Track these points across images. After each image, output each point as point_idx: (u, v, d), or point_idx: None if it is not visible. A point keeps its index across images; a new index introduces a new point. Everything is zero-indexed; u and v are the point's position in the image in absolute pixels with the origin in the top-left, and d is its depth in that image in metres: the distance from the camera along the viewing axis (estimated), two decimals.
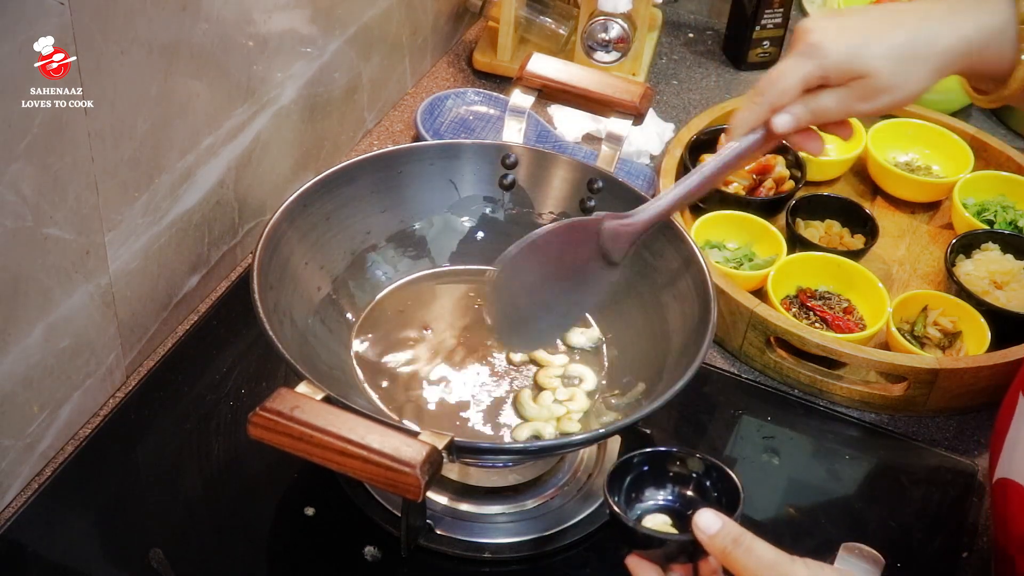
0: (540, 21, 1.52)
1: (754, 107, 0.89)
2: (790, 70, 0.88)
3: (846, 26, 0.87)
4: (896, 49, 0.86)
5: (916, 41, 0.86)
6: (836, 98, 0.88)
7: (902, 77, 0.86)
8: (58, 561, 0.91)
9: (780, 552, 0.74)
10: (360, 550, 0.92)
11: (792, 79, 0.87)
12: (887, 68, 0.85)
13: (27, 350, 0.90)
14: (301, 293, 0.98)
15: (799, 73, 0.87)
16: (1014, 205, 1.32)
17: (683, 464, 0.85)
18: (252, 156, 1.13)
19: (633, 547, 0.80)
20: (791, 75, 0.87)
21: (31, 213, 0.85)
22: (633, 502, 0.85)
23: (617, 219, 0.92)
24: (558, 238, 0.93)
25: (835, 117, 0.89)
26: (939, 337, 1.16)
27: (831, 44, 0.86)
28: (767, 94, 0.88)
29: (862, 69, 0.86)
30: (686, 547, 0.78)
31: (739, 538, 0.74)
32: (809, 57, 0.87)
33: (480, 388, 0.98)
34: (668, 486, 0.85)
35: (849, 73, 0.86)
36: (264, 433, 0.76)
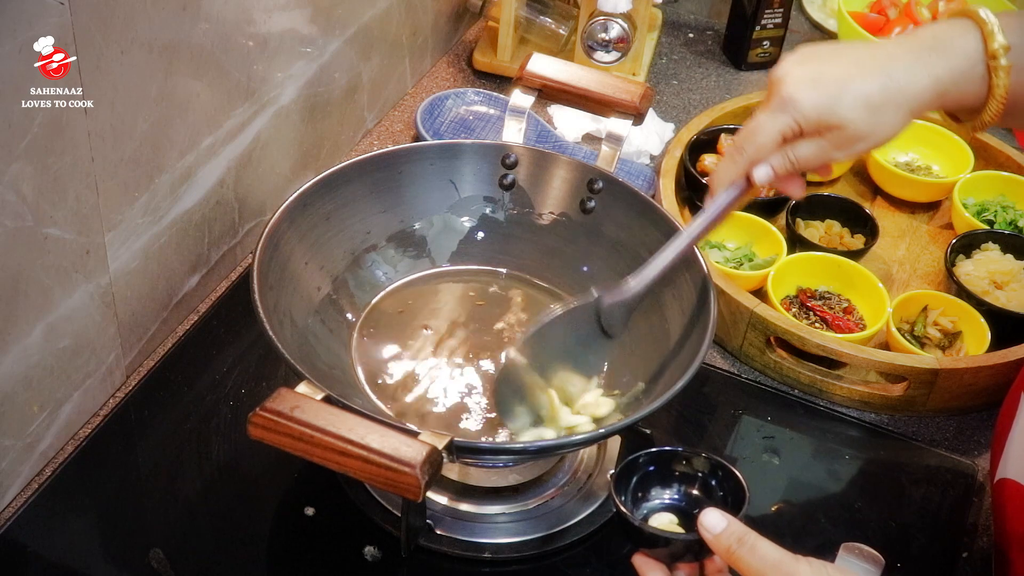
0: (540, 21, 1.52)
1: (734, 162, 0.91)
2: (766, 124, 0.89)
3: (819, 76, 0.88)
4: (869, 98, 0.86)
5: (888, 88, 0.86)
6: (813, 148, 0.89)
7: (876, 124, 0.87)
8: (58, 561, 0.91)
9: (784, 551, 0.74)
10: (360, 550, 0.92)
11: (769, 133, 0.89)
12: (861, 118, 0.86)
13: (27, 350, 0.90)
14: (301, 293, 0.98)
15: (775, 127, 0.88)
16: (1014, 205, 1.32)
17: (688, 463, 0.86)
18: (252, 156, 1.13)
19: (639, 546, 0.81)
20: (768, 129, 0.89)
21: (31, 213, 0.85)
22: (639, 501, 0.85)
23: (612, 295, 0.94)
24: (560, 324, 0.94)
25: (813, 166, 0.91)
26: (939, 337, 1.16)
27: (805, 97, 0.87)
28: (746, 149, 0.90)
29: (836, 121, 0.87)
30: (692, 546, 0.78)
31: (744, 537, 0.75)
32: (783, 111, 0.88)
33: (480, 388, 0.98)
34: (674, 485, 0.86)
35: (824, 125, 0.87)
36: (264, 433, 0.76)
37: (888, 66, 0.87)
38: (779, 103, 0.88)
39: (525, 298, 1.07)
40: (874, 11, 1.52)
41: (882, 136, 0.88)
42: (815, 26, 1.69)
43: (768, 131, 0.89)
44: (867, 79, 0.87)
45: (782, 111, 0.88)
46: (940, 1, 1.51)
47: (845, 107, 0.86)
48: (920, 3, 1.51)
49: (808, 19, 1.70)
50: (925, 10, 1.50)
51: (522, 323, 1.04)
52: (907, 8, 1.50)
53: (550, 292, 1.08)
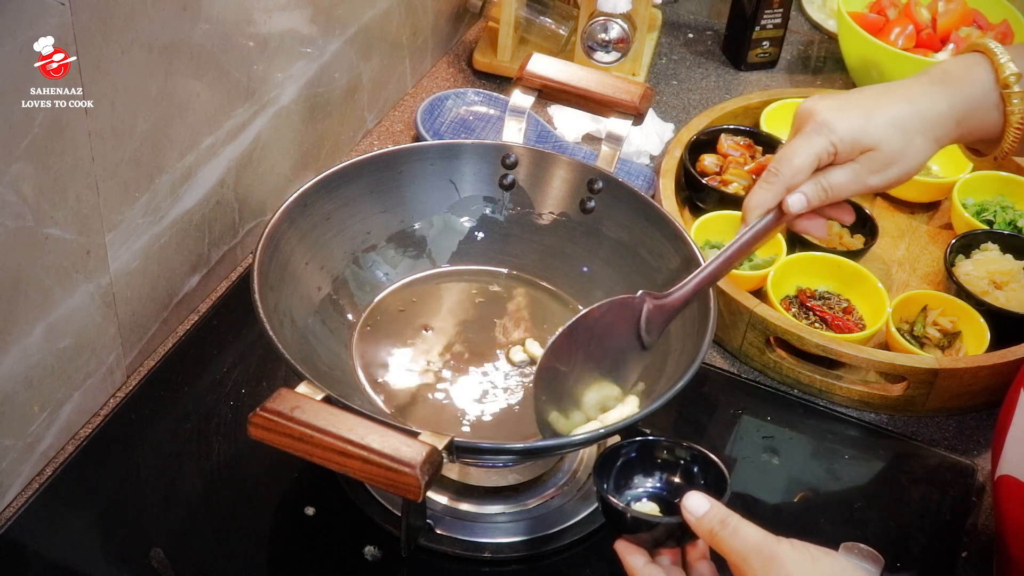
0: (540, 21, 1.52)
1: (769, 186, 0.92)
2: (802, 147, 0.90)
3: (847, 104, 0.91)
4: (898, 122, 0.90)
5: (914, 113, 0.90)
6: (847, 174, 0.91)
7: (906, 148, 0.90)
8: (58, 561, 0.91)
9: (766, 533, 0.75)
10: (360, 550, 0.92)
11: (804, 156, 0.90)
12: (893, 139, 0.89)
13: (27, 350, 0.90)
14: (301, 293, 0.98)
15: (811, 150, 0.90)
16: (1013, 205, 1.32)
17: (670, 452, 0.87)
18: (252, 156, 1.13)
19: (622, 531, 0.82)
20: (803, 152, 0.90)
21: (31, 213, 0.85)
22: (622, 489, 0.86)
23: (655, 298, 0.92)
24: (605, 315, 0.91)
25: (846, 194, 0.92)
26: (938, 337, 1.16)
27: (837, 120, 0.89)
28: (782, 173, 0.91)
29: (870, 142, 0.89)
30: (674, 530, 0.79)
31: (726, 519, 0.76)
32: (819, 134, 0.90)
33: (480, 387, 0.98)
34: (656, 474, 0.87)
35: (858, 146, 0.89)
36: (264, 433, 0.77)
37: (909, 94, 0.91)
38: (813, 127, 0.90)
39: (525, 298, 1.07)
40: (874, 11, 1.52)
41: (912, 162, 0.91)
42: (815, 26, 1.69)
43: (803, 154, 0.90)
44: (894, 105, 0.90)
45: (817, 134, 0.90)
46: (940, 1, 1.51)
47: (877, 128, 0.89)
48: (920, 3, 1.51)
49: (808, 19, 1.70)
50: (924, 10, 1.50)
51: (522, 323, 1.04)
52: (907, 8, 1.50)
53: (550, 292, 1.08)
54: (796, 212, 0.92)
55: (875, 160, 0.90)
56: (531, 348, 1.01)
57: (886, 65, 1.45)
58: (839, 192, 0.92)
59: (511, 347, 1.02)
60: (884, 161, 0.90)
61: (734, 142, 1.34)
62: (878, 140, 0.89)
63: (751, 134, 1.35)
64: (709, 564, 0.81)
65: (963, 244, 1.25)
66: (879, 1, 1.53)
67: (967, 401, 1.11)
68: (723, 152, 1.33)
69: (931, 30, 1.49)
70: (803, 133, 0.91)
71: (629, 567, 0.81)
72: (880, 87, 0.95)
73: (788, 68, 1.60)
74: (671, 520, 0.79)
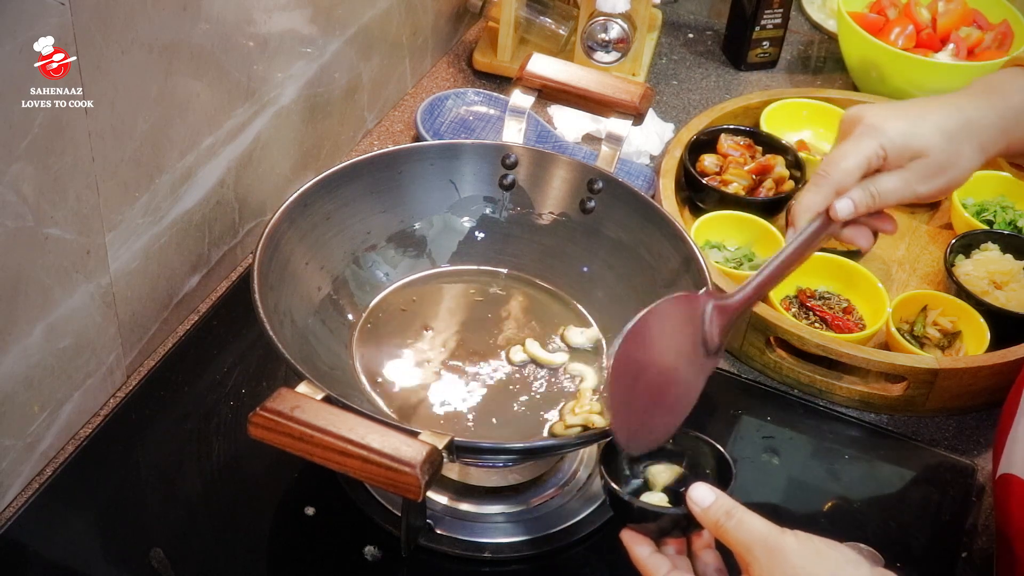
0: (540, 21, 1.52)
1: (818, 189, 0.90)
2: (852, 150, 0.89)
3: (896, 110, 0.91)
4: (946, 128, 0.89)
5: (963, 121, 0.90)
6: (895, 180, 0.90)
7: (955, 155, 0.90)
8: (58, 561, 0.91)
9: (771, 525, 0.75)
10: (360, 550, 0.92)
11: (855, 158, 0.89)
12: (941, 146, 0.89)
13: (28, 350, 0.90)
14: (301, 293, 0.98)
15: (862, 152, 0.89)
16: (1013, 205, 1.32)
17: (676, 443, 0.86)
18: (252, 156, 1.13)
19: (628, 521, 0.81)
20: (853, 155, 0.89)
21: (32, 213, 0.85)
22: (628, 479, 0.85)
23: (716, 298, 0.87)
24: (670, 311, 0.84)
25: (894, 200, 0.91)
26: (938, 337, 1.16)
27: (888, 124, 0.89)
28: (831, 175, 0.89)
29: (920, 147, 0.89)
30: (680, 521, 0.79)
31: (731, 511, 0.76)
32: (869, 137, 0.89)
33: (480, 387, 0.98)
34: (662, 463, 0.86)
35: (908, 151, 0.89)
36: (264, 433, 0.77)
37: (957, 103, 0.91)
38: (863, 131, 0.89)
39: (525, 298, 1.07)
40: (874, 11, 1.52)
41: (961, 169, 0.90)
42: (815, 26, 1.69)
43: (854, 157, 0.89)
44: (940, 112, 0.90)
45: (868, 137, 0.89)
46: (940, 1, 1.51)
47: (926, 134, 0.89)
48: (919, 3, 1.51)
49: (808, 19, 1.70)
50: (924, 11, 1.50)
51: (522, 323, 1.04)
52: (907, 8, 1.50)
53: (550, 292, 1.08)
54: (843, 217, 0.90)
55: (925, 167, 0.89)
56: (531, 348, 1.01)
57: (886, 65, 1.45)
58: (887, 198, 0.90)
59: (511, 347, 1.02)
60: (934, 168, 0.90)
61: (734, 142, 1.34)
62: (928, 146, 0.89)
63: (751, 134, 1.35)
64: (714, 554, 0.81)
65: (963, 244, 1.25)
66: (879, 1, 1.53)
67: (967, 401, 1.11)
68: (723, 152, 1.33)
69: (931, 30, 1.49)
70: (853, 137, 0.90)
71: (635, 556, 0.80)
72: (926, 98, 0.94)
73: (788, 68, 1.60)
74: (676, 511, 0.79)
